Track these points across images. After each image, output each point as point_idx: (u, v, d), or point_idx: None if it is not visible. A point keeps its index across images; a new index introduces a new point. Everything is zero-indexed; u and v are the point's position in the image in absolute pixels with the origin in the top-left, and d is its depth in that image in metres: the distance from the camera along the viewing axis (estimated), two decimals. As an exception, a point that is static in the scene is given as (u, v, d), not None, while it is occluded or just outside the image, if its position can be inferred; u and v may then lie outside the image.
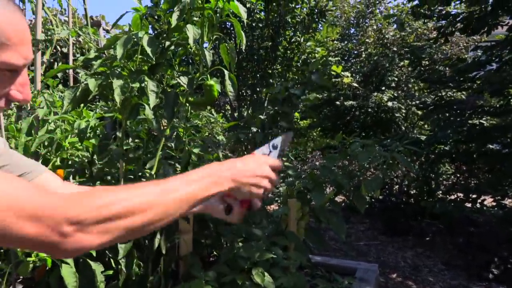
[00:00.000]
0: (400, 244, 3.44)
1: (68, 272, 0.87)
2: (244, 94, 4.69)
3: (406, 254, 3.18)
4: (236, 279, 1.07)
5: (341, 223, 1.56)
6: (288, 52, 4.45)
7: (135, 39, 1.07)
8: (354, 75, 8.11)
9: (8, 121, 1.87)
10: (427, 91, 6.27)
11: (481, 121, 3.88)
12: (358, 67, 8.27)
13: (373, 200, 4.45)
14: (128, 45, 1.03)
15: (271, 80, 4.12)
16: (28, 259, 1.07)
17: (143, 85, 1.02)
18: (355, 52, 8.67)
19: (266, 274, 1.10)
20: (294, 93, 1.18)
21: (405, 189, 4.17)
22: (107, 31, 4.03)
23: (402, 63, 7.36)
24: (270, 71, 4.25)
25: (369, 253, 3.22)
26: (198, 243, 1.24)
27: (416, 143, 3.76)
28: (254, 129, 1.54)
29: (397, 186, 4.27)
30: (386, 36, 7.78)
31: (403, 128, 7.50)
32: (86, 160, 1.31)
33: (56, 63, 3.83)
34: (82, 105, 1.34)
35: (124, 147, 1.27)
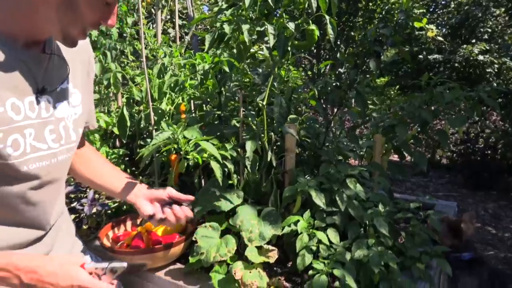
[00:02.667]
0: (481, 197, 3.44)
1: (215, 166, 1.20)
2: (323, 49, 4.78)
3: (487, 205, 3.20)
4: (333, 186, 1.34)
5: (423, 156, 1.72)
6: (370, 4, 4.39)
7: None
8: (440, 28, 7.57)
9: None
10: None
11: None
12: (445, 19, 7.67)
13: (454, 155, 4.39)
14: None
15: (352, 33, 4.16)
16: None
17: (263, 29, 1.28)
18: (443, 2, 7.99)
19: (357, 183, 1.35)
20: (383, 33, 1.35)
21: (492, 144, 4.03)
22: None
23: (497, 11, 6.68)
24: (351, 24, 4.27)
25: (447, 203, 3.28)
26: (300, 162, 1.53)
27: (507, 95, 3.60)
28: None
29: (481, 140, 4.15)
30: (481, -19, 7.02)
31: (495, 85, 6.92)
32: (214, 91, 1.62)
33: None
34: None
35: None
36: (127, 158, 2.14)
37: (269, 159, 1.42)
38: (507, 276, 1.40)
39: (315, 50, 4.72)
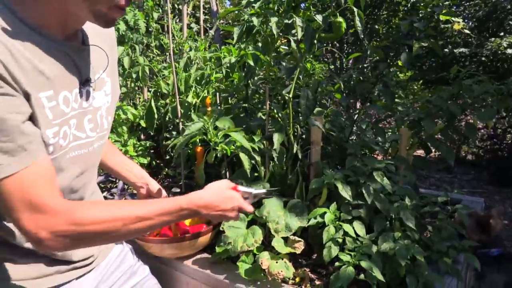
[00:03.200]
0: (508, 194, 3.35)
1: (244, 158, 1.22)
2: (346, 42, 4.72)
3: (514, 202, 3.12)
4: (360, 179, 1.34)
5: (450, 150, 1.69)
6: (395, -4, 4.30)
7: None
8: (466, 21, 7.34)
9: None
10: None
11: None
12: (472, 11, 7.43)
13: (480, 151, 4.28)
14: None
15: (376, 26, 4.09)
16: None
17: (291, 21, 1.29)
18: (470, -6, 7.73)
19: (384, 176, 1.35)
20: (416, 27, 1.33)
21: (520, 140, 3.91)
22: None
23: (528, 4, 6.42)
24: (375, 17, 4.20)
25: (473, 200, 3.22)
26: (325, 155, 1.53)
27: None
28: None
29: (509, 136, 4.03)
30: (511, -29, 6.76)
31: (524, 79, 6.68)
32: (240, 84, 1.64)
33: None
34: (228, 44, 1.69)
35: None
36: (152, 151, 2.19)
37: (295, 151, 1.43)
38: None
39: (337, 44, 4.68)
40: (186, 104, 1.77)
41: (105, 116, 0.90)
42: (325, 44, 1.80)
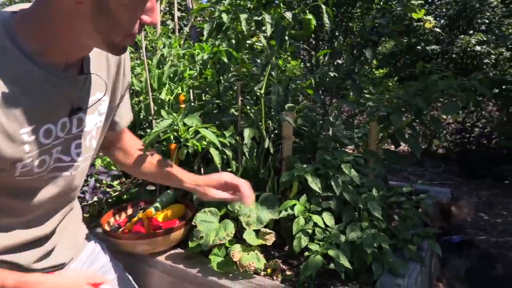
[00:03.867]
0: (476, 185, 3.49)
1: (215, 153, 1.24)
2: (321, 40, 4.77)
3: (481, 193, 3.25)
4: (329, 172, 1.38)
5: (417, 144, 1.76)
6: (369, -7, 4.37)
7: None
8: (438, 19, 7.55)
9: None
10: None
11: None
12: (444, 10, 7.66)
13: (450, 145, 4.44)
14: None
15: (350, 24, 4.16)
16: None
17: (260, 18, 1.31)
18: (442, -7, 7.95)
19: (352, 169, 1.39)
20: (380, 23, 1.39)
21: (487, 133, 4.07)
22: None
23: (494, 2, 6.68)
24: (349, 15, 4.27)
25: (443, 192, 3.34)
26: (298, 149, 1.57)
27: (502, 84, 3.63)
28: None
29: (477, 130, 4.19)
30: (479, -28, 7.00)
31: (491, 75, 6.94)
32: (213, 80, 1.66)
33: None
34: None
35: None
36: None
37: (266, 146, 1.46)
38: (495, 257, 1.45)
39: (313, 42, 4.74)
40: (160, 101, 1.77)
41: (94, 136, 0.87)
42: (301, 42, 1.83)
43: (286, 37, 1.45)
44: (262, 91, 1.47)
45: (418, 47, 6.85)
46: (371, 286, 1.16)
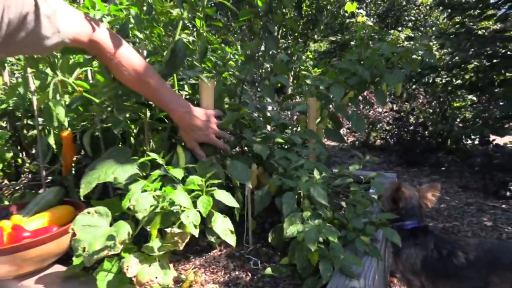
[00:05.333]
0: (415, 173, 3.46)
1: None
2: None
3: (421, 180, 3.21)
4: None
5: (360, 119, 1.55)
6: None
7: None
8: (369, 17, 7.79)
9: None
10: (447, 27, 6.02)
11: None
12: (374, 9, 7.93)
13: (387, 135, 4.43)
14: None
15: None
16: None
17: None
18: (371, -9, 8.24)
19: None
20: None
21: (421, 123, 4.12)
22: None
23: (419, 0, 7.02)
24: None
25: (384, 181, 3.25)
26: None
27: (434, 69, 3.67)
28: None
29: (412, 118, 4.23)
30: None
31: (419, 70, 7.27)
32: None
33: None
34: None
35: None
36: (13, 141, 1.72)
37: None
38: (454, 243, 1.25)
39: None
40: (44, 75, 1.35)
41: None
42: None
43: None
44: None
45: (352, 43, 6.97)
46: (319, 293, 0.88)
